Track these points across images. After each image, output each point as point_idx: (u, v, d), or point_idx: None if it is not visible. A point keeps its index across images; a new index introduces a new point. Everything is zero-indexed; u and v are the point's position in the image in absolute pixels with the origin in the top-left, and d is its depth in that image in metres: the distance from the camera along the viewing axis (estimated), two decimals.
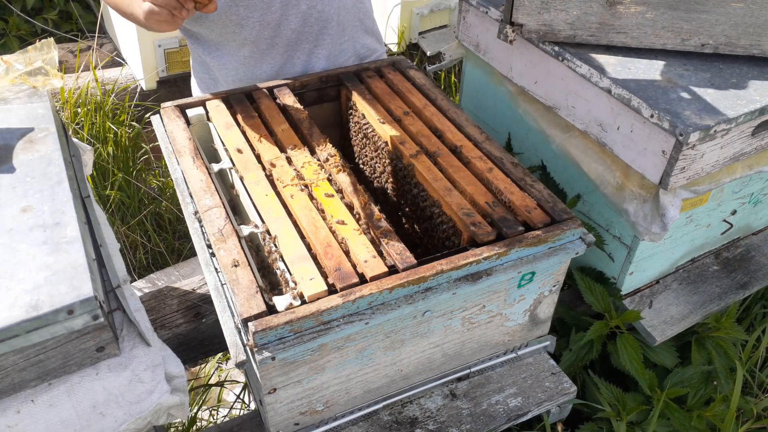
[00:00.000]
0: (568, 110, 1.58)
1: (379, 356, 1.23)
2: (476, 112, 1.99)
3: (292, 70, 1.72)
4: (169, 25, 1.37)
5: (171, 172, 1.42)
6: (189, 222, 1.31)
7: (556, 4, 1.46)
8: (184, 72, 2.88)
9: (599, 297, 1.61)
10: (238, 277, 1.11)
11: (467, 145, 1.44)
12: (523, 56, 1.66)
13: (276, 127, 1.48)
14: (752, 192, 1.75)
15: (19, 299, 0.96)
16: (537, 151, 1.78)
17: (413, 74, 1.69)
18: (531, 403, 1.40)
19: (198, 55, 1.75)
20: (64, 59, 3.06)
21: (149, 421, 1.08)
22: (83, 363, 1.05)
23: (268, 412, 1.19)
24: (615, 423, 1.54)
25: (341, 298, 1.08)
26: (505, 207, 1.29)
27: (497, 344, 1.42)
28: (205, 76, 1.78)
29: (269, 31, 1.63)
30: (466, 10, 1.82)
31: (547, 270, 1.31)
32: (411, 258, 1.16)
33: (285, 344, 1.05)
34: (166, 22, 1.36)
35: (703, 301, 1.74)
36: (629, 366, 1.56)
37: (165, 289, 1.73)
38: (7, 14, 3.58)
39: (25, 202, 1.13)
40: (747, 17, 1.43)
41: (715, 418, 1.59)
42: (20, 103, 1.36)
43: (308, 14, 1.64)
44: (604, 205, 1.63)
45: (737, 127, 1.37)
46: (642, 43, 1.50)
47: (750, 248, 1.91)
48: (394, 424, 1.35)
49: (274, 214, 1.25)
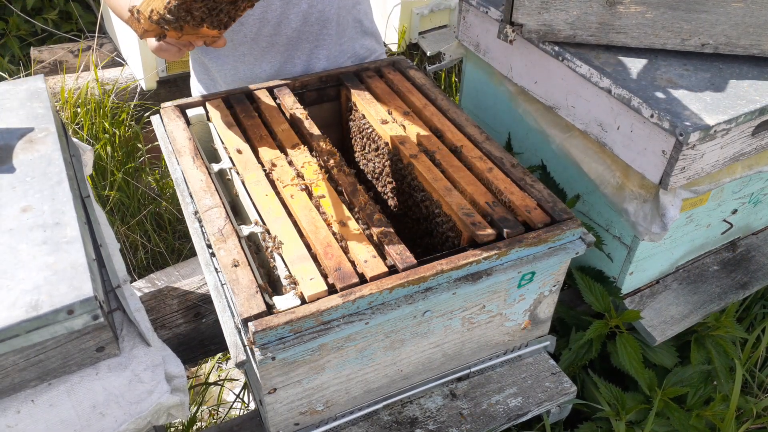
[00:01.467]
0: (568, 110, 1.58)
1: (379, 356, 1.23)
2: (476, 112, 1.99)
3: (293, 70, 1.72)
4: (176, 56, 1.39)
5: (171, 172, 1.42)
6: (189, 222, 1.31)
7: (556, 4, 1.46)
8: (184, 72, 2.88)
9: (599, 297, 1.61)
10: (238, 277, 1.11)
11: (467, 145, 1.44)
12: (523, 56, 1.66)
13: (276, 127, 1.48)
14: (752, 192, 1.75)
15: (19, 299, 0.96)
16: (537, 151, 1.78)
17: (413, 74, 1.69)
18: (531, 403, 1.40)
19: (196, 56, 1.75)
20: (64, 59, 3.06)
21: (149, 421, 1.08)
22: (83, 363, 1.05)
23: (268, 412, 1.19)
24: (614, 423, 1.54)
25: (341, 298, 1.08)
26: (505, 207, 1.29)
27: (497, 344, 1.42)
28: (204, 77, 1.78)
29: (269, 29, 1.63)
30: (466, 10, 1.82)
31: (547, 270, 1.31)
32: (411, 258, 1.16)
33: (285, 344, 1.05)
34: (173, 55, 1.38)
35: (703, 301, 1.74)
36: (629, 366, 1.56)
37: (165, 289, 1.73)
38: (7, 14, 3.58)
39: (25, 202, 1.13)
40: (747, 17, 1.43)
41: (714, 417, 1.59)
42: (19, 101, 1.36)
43: (309, 13, 1.64)
44: (604, 205, 1.63)
45: (737, 127, 1.37)
46: (642, 43, 1.50)
47: (750, 248, 1.91)
48: (394, 424, 1.35)
49: (274, 214, 1.25)
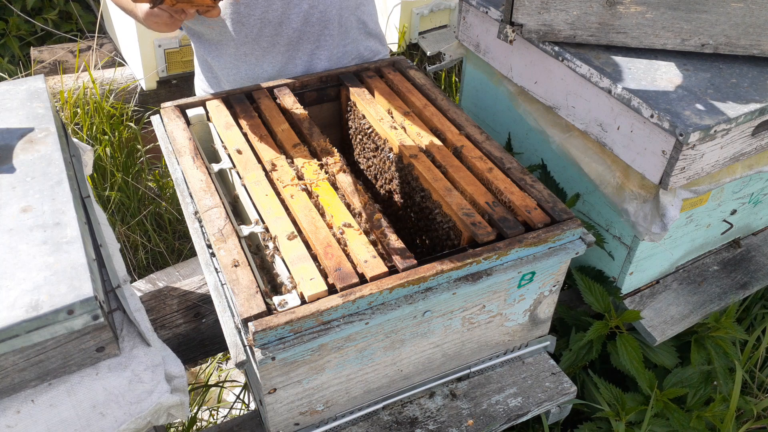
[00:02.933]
0: (568, 110, 1.58)
1: (379, 356, 1.23)
2: (476, 112, 1.99)
3: (294, 71, 1.72)
4: (168, 27, 1.38)
5: (171, 172, 1.42)
6: (189, 222, 1.31)
7: (556, 4, 1.46)
8: (184, 72, 2.88)
9: (599, 297, 1.61)
10: (238, 277, 1.11)
11: (467, 145, 1.44)
12: (523, 56, 1.66)
13: (276, 127, 1.48)
14: (752, 192, 1.75)
15: (19, 299, 0.96)
16: (537, 151, 1.78)
17: (413, 74, 1.69)
18: (531, 403, 1.40)
19: (200, 54, 1.75)
20: (63, 59, 3.06)
21: (149, 421, 1.08)
22: (83, 363, 1.05)
23: (268, 412, 1.19)
24: (614, 423, 1.54)
25: (341, 298, 1.08)
26: (505, 207, 1.29)
27: (497, 344, 1.42)
28: (208, 74, 1.79)
29: (270, 29, 1.63)
30: (466, 10, 1.82)
31: (547, 270, 1.31)
32: (411, 258, 1.16)
33: (285, 344, 1.05)
34: (165, 24, 1.37)
35: (703, 301, 1.74)
36: (629, 366, 1.56)
37: (165, 289, 1.73)
38: (7, 14, 3.58)
39: (25, 202, 1.12)
40: (747, 17, 1.43)
41: (714, 418, 1.59)
42: (19, 101, 1.36)
43: (310, 14, 1.64)
44: (604, 205, 1.63)
45: (737, 127, 1.37)
46: (642, 43, 1.50)
47: (750, 248, 1.91)
48: (394, 424, 1.35)
49: (274, 214, 1.25)
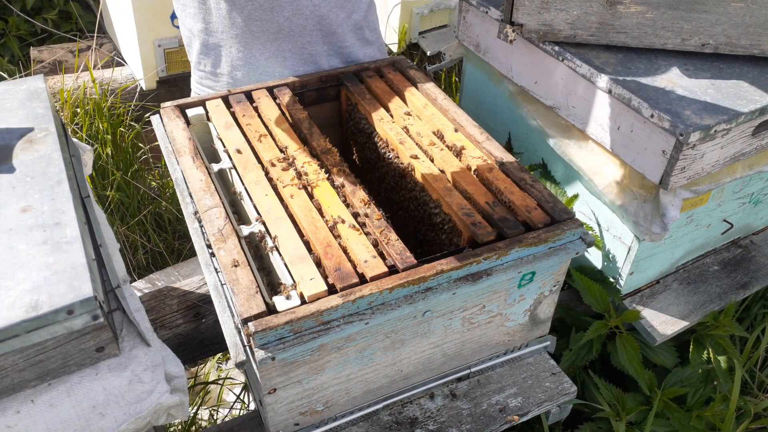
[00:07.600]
0: (569, 110, 1.58)
1: (379, 356, 1.23)
2: (476, 112, 1.99)
3: (284, 64, 1.71)
4: None
5: (171, 172, 1.42)
6: (189, 222, 1.31)
7: (556, 4, 1.46)
8: (184, 72, 2.88)
9: (599, 297, 1.61)
10: (238, 277, 1.11)
11: (467, 145, 1.44)
12: (523, 56, 1.66)
13: (276, 127, 1.48)
14: (752, 192, 1.75)
15: (18, 299, 0.96)
16: (537, 151, 1.78)
17: (413, 74, 1.69)
18: (531, 404, 1.40)
19: (196, 53, 1.75)
20: (63, 59, 3.06)
21: (149, 421, 1.08)
22: (83, 363, 1.05)
23: (268, 412, 1.18)
24: (614, 423, 1.54)
25: (341, 298, 1.08)
26: (505, 207, 1.29)
27: (497, 344, 1.42)
28: (204, 74, 1.78)
29: (261, 13, 1.63)
30: (466, 10, 1.82)
31: (547, 270, 1.31)
32: (411, 258, 1.15)
33: (285, 344, 1.05)
34: None
35: (703, 301, 1.74)
36: (629, 366, 1.56)
37: (165, 289, 1.73)
38: (7, 14, 3.58)
39: (25, 202, 1.12)
40: (747, 17, 1.43)
41: (714, 417, 1.59)
42: (19, 101, 1.36)
43: (303, 5, 1.64)
44: (603, 205, 1.63)
45: (737, 127, 1.37)
46: (642, 43, 1.50)
47: (750, 248, 1.91)
48: (394, 424, 1.35)
49: (274, 214, 1.25)
